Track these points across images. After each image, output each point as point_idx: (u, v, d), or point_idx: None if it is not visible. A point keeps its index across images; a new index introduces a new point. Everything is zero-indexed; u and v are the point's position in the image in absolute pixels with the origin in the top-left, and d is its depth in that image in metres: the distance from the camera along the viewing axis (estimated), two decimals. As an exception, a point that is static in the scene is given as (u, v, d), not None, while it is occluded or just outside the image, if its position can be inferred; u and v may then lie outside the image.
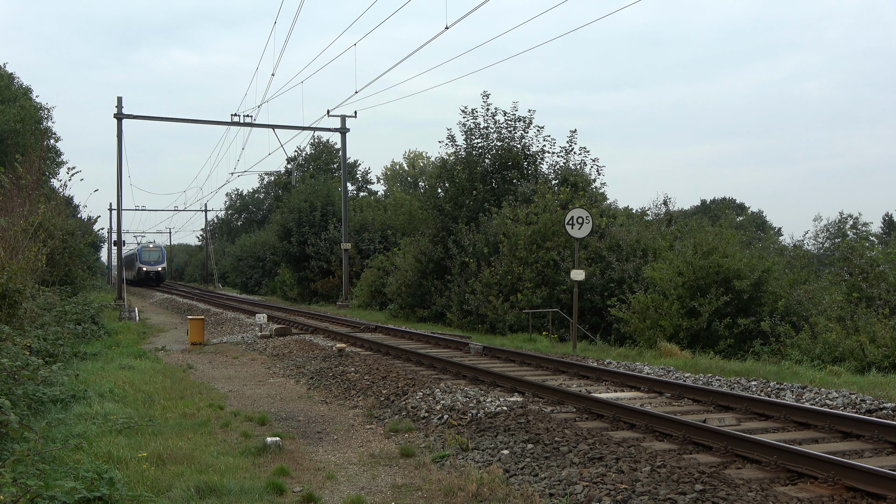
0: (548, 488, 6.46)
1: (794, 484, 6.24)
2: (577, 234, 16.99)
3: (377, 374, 12.42)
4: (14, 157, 20.59)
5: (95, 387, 10.52)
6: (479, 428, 8.61)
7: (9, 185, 19.13)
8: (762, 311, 17.86)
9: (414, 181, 69.23)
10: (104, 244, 76.94)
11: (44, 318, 15.60)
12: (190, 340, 19.35)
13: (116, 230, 34.78)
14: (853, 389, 10.48)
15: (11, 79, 41.39)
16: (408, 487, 6.89)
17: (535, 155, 28.48)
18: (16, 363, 8.67)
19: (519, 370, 12.86)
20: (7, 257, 14.30)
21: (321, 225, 42.68)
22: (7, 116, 35.48)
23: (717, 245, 18.89)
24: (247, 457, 7.76)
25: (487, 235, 24.73)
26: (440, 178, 29.81)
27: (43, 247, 17.96)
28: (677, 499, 5.81)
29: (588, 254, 22.89)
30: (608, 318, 20.88)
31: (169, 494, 6.25)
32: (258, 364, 15.63)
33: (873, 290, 16.22)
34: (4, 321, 12.36)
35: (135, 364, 13.70)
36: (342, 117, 34.21)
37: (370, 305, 34.13)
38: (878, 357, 13.75)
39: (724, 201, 75.38)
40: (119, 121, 31.82)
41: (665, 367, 12.98)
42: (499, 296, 22.54)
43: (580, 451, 7.24)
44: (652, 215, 30.94)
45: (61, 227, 23.38)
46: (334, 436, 9.05)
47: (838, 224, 50.73)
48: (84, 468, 6.20)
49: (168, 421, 9.27)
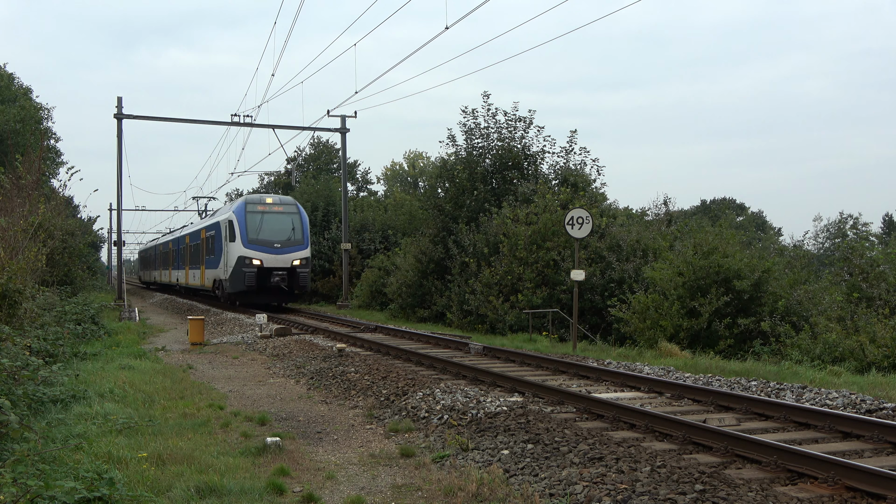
0: (548, 488, 6.46)
1: (794, 484, 6.24)
2: (577, 235, 16.99)
3: (377, 375, 12.42)
4: (14, 157, 20.58)
5: (95, 387, 10.51)
6: (479, 428, 8.61)
7: (9, 185, 19.13)
8: (762, 312, 17.86)
9: (414, 181, 69.21)
10: (104, 244, 75.47)
11: (44, 319, 15.61)
12: (190, 340, 19.35)
13: (116, 230, 34.77)
14: (853, 389, 10.48)
15: (11, 79, 41.43)
16: (408, 487, 6.89)
17: (536, 155, 28.50)
18: (16, 363, 8.67)
19: (519, 370, 12.86)
20: (7, 257, 14.30)
21: (323, 225, 42.68)
22: (7, 116, 35.51)
23: (718, 245, 18.89)
24: (247, 457, 7.76)
25: (488, 235, 24.74)
26: (440, 177, 29.84)
27: (43, 247, 17.97)
28: (677, 499, 5.80)
29: (588, 254, 22.89)
30: (608, 319, 20.88)
31: (169, 494, 6.25)
32: (258, 364, 15.63)
33: (873, 291, 16.22)
34: (4, 321, 12.37)
35: (135, 364, 13.69)
36: (342, 117, 34.20)
37: (370, 305, 34.12)
38: (878, 357, 13.75)
39: (724, 201, 75.42)
40: (119, 121, 31.81)
41: (665, 367, 12.97)
42: (499, 296, 22.54)
43: (580, 451, 7.24)
44: (652, 215, 30.95)
45: (61, 228, 23.40)
46: (334, 436, 9.05)
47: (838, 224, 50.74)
48: (84, 468, 6.20)
49: (168, 421, 9.26)
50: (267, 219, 27.96)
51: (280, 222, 28.11)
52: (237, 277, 27.13)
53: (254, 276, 26.94)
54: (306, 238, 28.28)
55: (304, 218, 28.73)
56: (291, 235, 28.02)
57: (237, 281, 27.12)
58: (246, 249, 27.06)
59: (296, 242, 27.91)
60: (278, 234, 27.81)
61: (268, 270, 27.17)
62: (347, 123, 34.44)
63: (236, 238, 27.31)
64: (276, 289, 27.46)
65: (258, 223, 27.69)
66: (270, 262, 27.15)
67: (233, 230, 27.62)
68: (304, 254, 27.98)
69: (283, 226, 28.14)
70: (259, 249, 27.19)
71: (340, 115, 34.25)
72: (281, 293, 28.04)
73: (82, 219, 38.76)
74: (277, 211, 28.36)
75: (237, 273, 27.12)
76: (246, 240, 27.13)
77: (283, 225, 28.14)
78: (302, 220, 28.57)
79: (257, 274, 26.99)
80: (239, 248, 27.18)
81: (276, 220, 28.13)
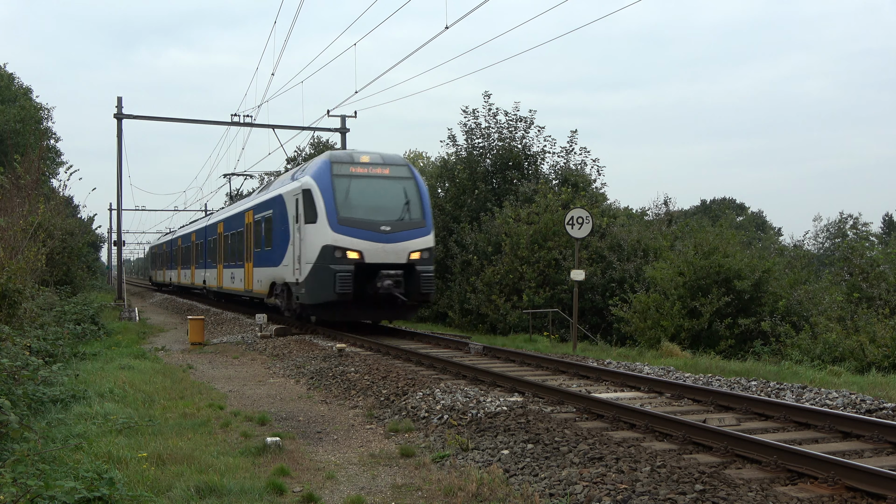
0: (548, 488, 6.46)
1: (794, 484, 6.24)
2: (578, 234, 16.99)
3: (377, 374, 12.42)
4: (14, 157, 20.60)
5: (95, 387, 10.51)
6: (479, 428, 8.61)
7: (8, 185, 19.14)
8: (763, 312, 17.88)
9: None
10: (104, 244, 74.97)
11: (43, 318, 15.62)
12: (190, 340, 19.35)
13: (116, 230, 34.78)
14: (853, 389, 10.48)
15: (11, 79, 41.46)
16: (408, 487, 6.89)
17: (536, 155, 28.54)
18: (16, 363, 8.67)
19: (519, 370, 12.86)
20: (7, 257, 14.31)
21: None
22: (7, 116, 35.53)
23: (718, 245, 18.92)
24: (247, 457, 7.75)
25: (489, 235, 24.76)
26: (441, 177, 29.87)
27: (42, 247, 17.98)
28: (677, 499, 5.80)
29: (589, 254, 22.91)
30: (609, 318, 20.90)
31: (169, 494, 6.24)
32: (258, 364, 15.63)
33: (873, 290, 16.24)
34: (4, 321, 12.38)
35: (135, 364, 13.69)
36: (342, 117, 34.21)
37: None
38: (878, 357, 13.76)
39: (724, 201, 75.43)
40: (119, 121, 31.81)
41: (665, 367, 12.98)
42: (501, 295, 22.55)
43: (580, 451, 7.24)
44: (652, 215, 31.01)
45: (61, 227, 23.43)
46: (334, 436, 9.05)
47: (838, 224, 50.79)
48: (84, 468, 6.20)
49: (168, 421, 9.26)
50: (366, 186, 17.86)
51: (387, 192, 17.98)
52: (320, 279, 17.08)
53: (350, 278, 16.83)
54: (427, 216, 18.11)
55: (421, 186, 18.45)
56: (406, 212, 17.92)
57: (320, 285, 17.11)
58: (336, 235, 16.99)
59: (414, 224, 17.80)
60: (386, 210, 17.71)
61: (372, 268, 17.13)
62: (347, 123, 34.46)
63: (318, 216, 17.26)
64: (387, 298, 17.29)
65: (353, 193, 17.63)
66: (376, 254, 17.14)
67: (311, 205, 17.55)
68: (427, 241, 17.86)
69: (393, 197, 18.01)
70: (357, 235, 17.11)
71: (340, 114, 34.26)
72: (392, 305, 17.77)
73: (82, 219, 38.74)
74: (381, 174, 18.04)
75: (320, 273, 17.06)
76: (335, 219, 17.09)
77: (391, 196, 18.01)
78: (419, 188, 18.32)
79: (355, 274, 16.96)
80: (323, 231, 17.12)
81: (380, 188, 17.98)
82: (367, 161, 18.18)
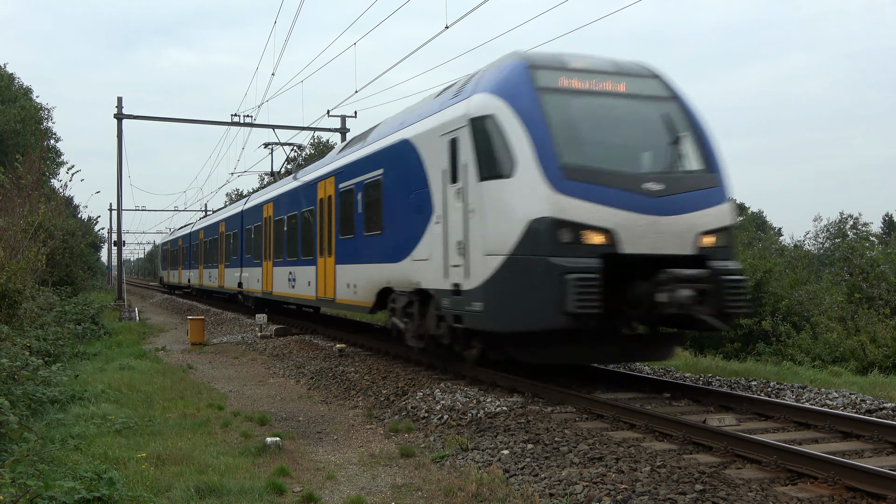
0: (548, 488, 6.45)
1: (794, 484, 6.23)
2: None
3: (377, 374, 12.42)
4: (14, 157, 20.62)
5: (95, 387, 10.51)
6: (479, 428, 8.61)
7: (9, 185, 19.16)
8: (764, 312, 17.88)
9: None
10: (104, 244, 74.87)
11: (44, 319, 15.64)
12: (190, 340, 19.35)
13: (116, 230, 34.78)
14: (853, 390, 10.47)
15: (12, 79, 41.50)
16: (408, 487, 6.89)
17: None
18: (15, 363, 8.68)
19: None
20: (7, 257, 14.31)
21: None
22: (7, 117, 35.57)
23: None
24: (247, 457, 7.75)
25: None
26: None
27: (43, 247, 17.99)
28: (677, 499, 5.80)
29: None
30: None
31: (169, 494, 6.24)
32: (258, 364, 15.63)
33: (874, 290, 16.24)
34: (4, 321, 12.38)
35: (134, 364, 13.69)
36: (342, 117, 34.19)
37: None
38: (878, 357, 13.76)
39: (724, 201, 75.29)
40: (119, 121, 31.79)
41: (665, 367, 12.97)
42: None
43: (580, 451, 7.23)
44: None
45: (61, 228, 23.45)
46: (334, 436, 9.05)
47: (838, 224, 50.81)
48: (83, 468, 6.20)
49: (168, 421, 9.26)
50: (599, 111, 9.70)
51: (637, 121, 9.78)
52: (526, 285, 8.80)
53: (595, 284, 8.46)
54: (717, 166, 9.69)
55: (693, 112, 10.05)
56: (678, 159, 9.70)
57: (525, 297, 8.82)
58: (559, 197, 8.72)
59: (697, 181, 9.51)
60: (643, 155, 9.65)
61: (636, 264, 9.00)
62: (347, 123, 34.44)
63: (518, 163, 8.96)
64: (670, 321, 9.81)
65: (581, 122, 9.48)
66: (641, 236, 8.94)
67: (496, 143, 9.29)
68: (723, 213, 9.52)
69: (649, 131, 9.74)
70: (601, 198, 8.85)
71: (340, 114, 34.21)
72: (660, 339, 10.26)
73: (82, 219, 38.78)
74: (618, 91, 9.92)
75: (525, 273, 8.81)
76: (555, 167, 8.82)
77: (645, 129, 9.75)
78: (690, 116, 9.98)
79: (604, 275, 8.61)
80: (531, 191, 8.84)
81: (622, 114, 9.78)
82: (589, 68, 10.05)
